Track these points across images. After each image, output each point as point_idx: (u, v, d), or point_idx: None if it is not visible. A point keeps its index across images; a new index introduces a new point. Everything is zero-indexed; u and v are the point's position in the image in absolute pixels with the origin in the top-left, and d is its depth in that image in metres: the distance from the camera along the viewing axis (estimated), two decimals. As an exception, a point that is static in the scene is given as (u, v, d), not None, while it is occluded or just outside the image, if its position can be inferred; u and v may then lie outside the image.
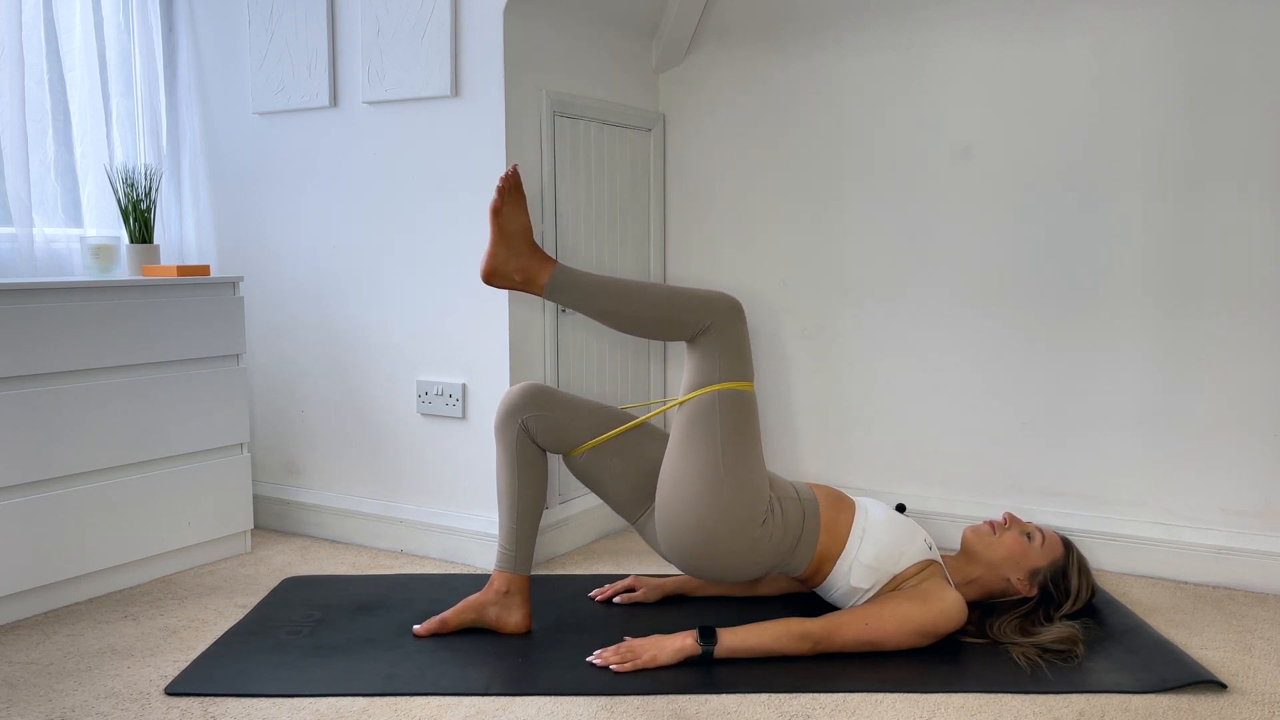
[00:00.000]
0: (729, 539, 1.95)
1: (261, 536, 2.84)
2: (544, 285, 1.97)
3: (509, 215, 1.96)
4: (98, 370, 2.33)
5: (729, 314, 1.99)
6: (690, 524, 1.95)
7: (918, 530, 2.08)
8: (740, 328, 2.00)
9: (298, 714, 1.75)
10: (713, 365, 1.97)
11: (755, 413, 2.01)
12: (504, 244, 1.96)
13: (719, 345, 1.98)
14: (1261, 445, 2.40)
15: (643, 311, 1.98)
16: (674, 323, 1.98)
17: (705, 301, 1.99)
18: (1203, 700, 1.80)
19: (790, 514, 2.02)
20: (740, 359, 1.99)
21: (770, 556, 2.01)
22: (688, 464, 1.96)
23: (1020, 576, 2.07)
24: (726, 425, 1.96)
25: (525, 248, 1.97)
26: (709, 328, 1.97)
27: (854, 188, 2.79)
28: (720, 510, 1.94)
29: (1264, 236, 2.36)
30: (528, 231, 1.97)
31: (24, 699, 1.81)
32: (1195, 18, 2.38)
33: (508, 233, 1.96)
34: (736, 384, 1.98)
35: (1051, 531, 2.13)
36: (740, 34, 2.91)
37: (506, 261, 1.97)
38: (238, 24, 2.83)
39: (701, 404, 1.97)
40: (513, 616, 2.08)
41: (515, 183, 1.96)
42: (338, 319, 2.77)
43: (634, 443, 2.09)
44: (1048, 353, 2.59)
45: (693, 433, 1.97)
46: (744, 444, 1.97)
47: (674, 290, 2.01)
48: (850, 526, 2.04)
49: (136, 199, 2.61)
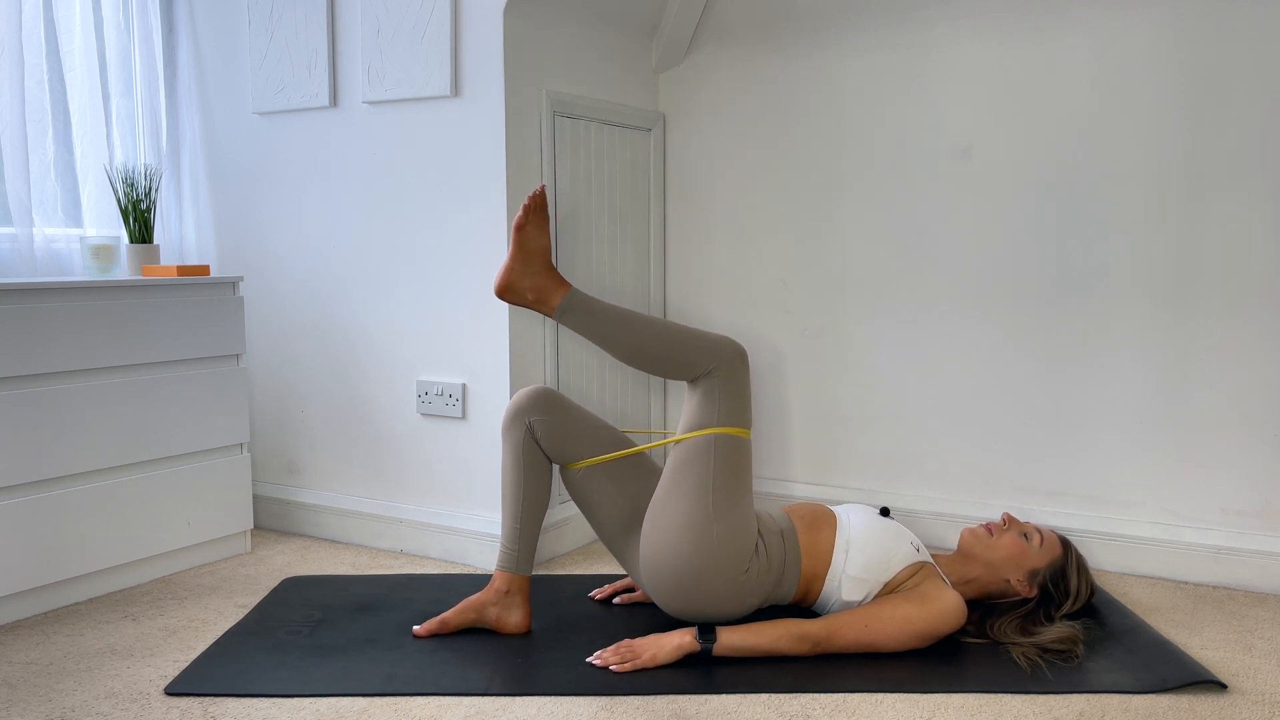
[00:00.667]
0: (714, 583, 1.96)
1: (261, 536, 2.84)
2: (556, 306, 1.99)
3: (531, 234, 1.99)
4: (98, 370, 2.33)
5: (733, 360, 1.99)
6: (675, 565, 1.96)
7: (903, 533, 2.07)
8: (743, 374, 2.00)
9: (298, 714, 1.75)
10: (712, 408, 1.98)
11: (749, 460, 2.01)
12: (522, 261, 1.99)
13: (720, 390, 1.98)
14: (1261, 445, 2.40)
15: (649, 347, 2.00)
16: (678, 362, 2.00)
17: (711, 345, 2.00)
18: (1203, 700, 1.80)
19: (774, 551, 2.02)
20: (740, 405, 2.00)
21: (756, 596, 2.01)
22: (677, 506, 1.96)
23: (1019, 578, 2.07)
24: (720, 470, 1.96)
25: (542, 267, 2.00)
26: (712, 371, 1.98)
27: (854, 188, 2.79)
28: (705, 556, 1.94)
29: (1264, 236, 2.36)
30: (546, 252, 2.00)
31: (24, 699, 1.81)
32: (1195, 18, 2.38)
33: (527, 250, 1.99)
34: (734, 430, 1.98)
35: (1050, 532, 2.13)
36: (740, 34, 2.91)
37: (522, 279, 2.00)
38: (238, 24, 2.83)
39: (697, 446, 1.98)
40: (513, 616, 2.08)
41: (541, 203, 1.99)
42: (338, 319, 2.77)
43: (630, 473, 2.10)
44: (1048, 352, 2.59)
45: (685, 474, 1.97)
46: (735, 490, 1.98)
47: (682, 330, 2.02)
48: (833, 543, 2.04)
49: (136, 199, 2.61)
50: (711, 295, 3.01)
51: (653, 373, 2.04)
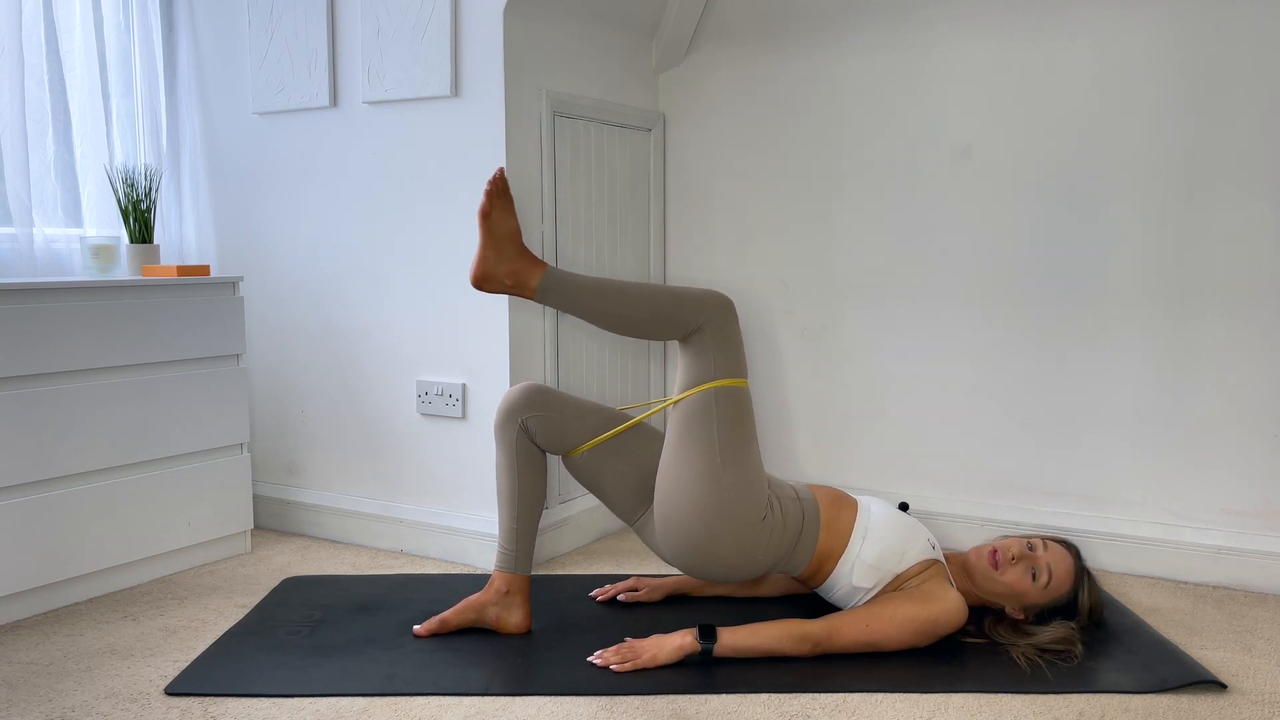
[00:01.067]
0: (728, 537, 1.95)
1: (261, 536, 2.84)
2: (535, 288, 1.96)
3: (497, 219, 1.94)
4: (98, 370, 2.33)
5: (721, 311, 1.98)
6: (689, 522, 1.95)
7: (920, 529, 2.07)
8: (733, 325, 1.99)
9: (298, 714, 1.75)
10: (707, 363, 1.97)
11: (750, 409, 2.00)
12: (493, 248, 1.95)
13: (712, 343, 1.97)
14: (1261, 445, 2.40)
15: (634, 311, 1.97)
16: (666, 321, 1.98)
17: (697, 300, 1.98)
18: (1203, 700, 1.80)
19: (789, 512, 2.01)
20: (734, 356, 1.98)
21: (770, 555, 2.00)
22: (685, 463, 1.96)
23: (1015, 609, 2.05)
24: (723, 422, 1.96)
25: (515, 251, 1.96)
26: (701, 326, 1.97)
27: (854, 188, 2.79)
28: (719, 507, 1.93)
29: (1264, 236, 2.36)
30: (516, 235, 1.97)
31: (24, 699, 1.81)
32: (1195, 18, 2.38)
33: (497, 236, 1.95)
34: (731, 381, 1.97)
35: (1064, 568, 2.02)
36: (740, 34, 2.91)
37: (497, 265, 1.96)
38: (238, 24, 2.83)
39: (697, 402, 1.97)
40: (513, 616, 2.08)
41: (502, 186, 1.95)
42: (338, 319, 2.77)
43: (633, 443, 2.09)
44: (1048, 352, 2.59)
45: (689, 431, 1.96)
46: (741, 440, 1.97)
47: (665, 289, 2.01)
48: (852, 525, 2.04)
49: (136, 199, 2.61)
50: (711, 295, 3.01)
51: (643, 337, 2.02)
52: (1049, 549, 2.04)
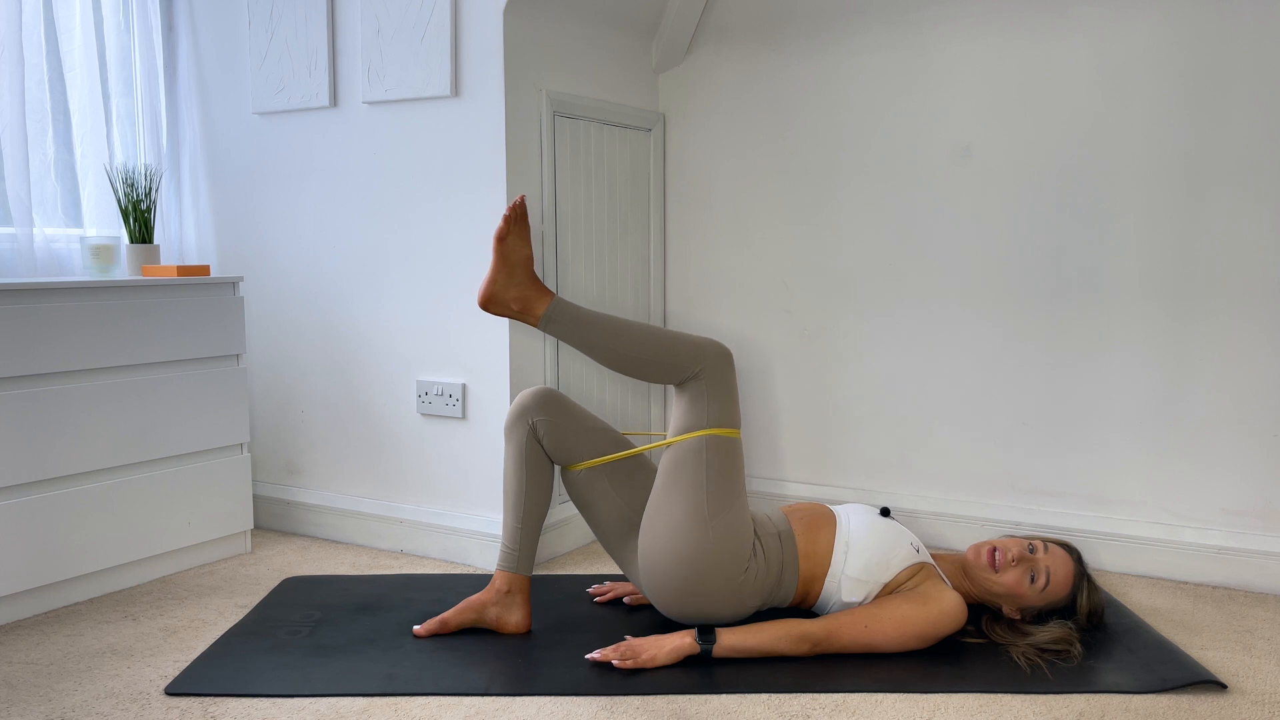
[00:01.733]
0: (712, 585, 1.96)
1: (261, 536, 2.84)
2: (540, 316, 1.99)
3: (513, 244, 1.98)
4: (98, 370, 2.33)
5: (719, 361, 1.99)
6: (673, 567, 1.96)
7: (903, 534, 2.07)
8: (729, 375, 2.00)
9: (298, 714, 1.75)
10: (701, 411, 1.98)
11: (741, 460, 2.02)
12: (505, 272, 1.98)
13: (708, 391, 1.98)
14: (1261, 445, 2.40)
15: (634, 351, 1.99)
16: (664, 366, 1.99)
17: (697, 347, 2.00)
18: (1203, 700, 1.80)
19: (770, 550, 2.02)
20: (728, 406, 1.99)
21: (756, 598, 2.01)
22: (673, 508, 1.97)
23: (1011, 610, 2.05)
24: (713, 471, 1.97)
25: (525, 277, 1.99)
26: (699, 373, 1.98)
27: (854, 187, 2.79)
28: (704, 557, 1.94)
29: (1264, 236, 2.36)
30: (529, 262, 2.00)
31: (24, 699, 1.81)
32: (1196, 17, 2.38)
33: (510, 261, 1.98)
34: (724, 430, 1.98)
35: (1063, 572, 2.02)
36: (740, 34, 2.91)
37: (505, 289, 1.99)
38: (238, 24, 2.83)
39: (688, 448, 1.98)
40: (513, 616, 2.08)
41: (521, 213, 1.99)
42: (338, 319, 2.77)
43: (628, 474, 2.11)
44: (1048, 352, 2.59)
45: (679, 476, 1.97)
46: (729, 490, 1.98)
47: (667, 334, 2.03)
48: (832, 544, 2.04)
49: (136, 199, 2.61)
50: (711, 296, 3.01)
51: (640, 378, 2.04)
52: (1049, 551, 2.04)
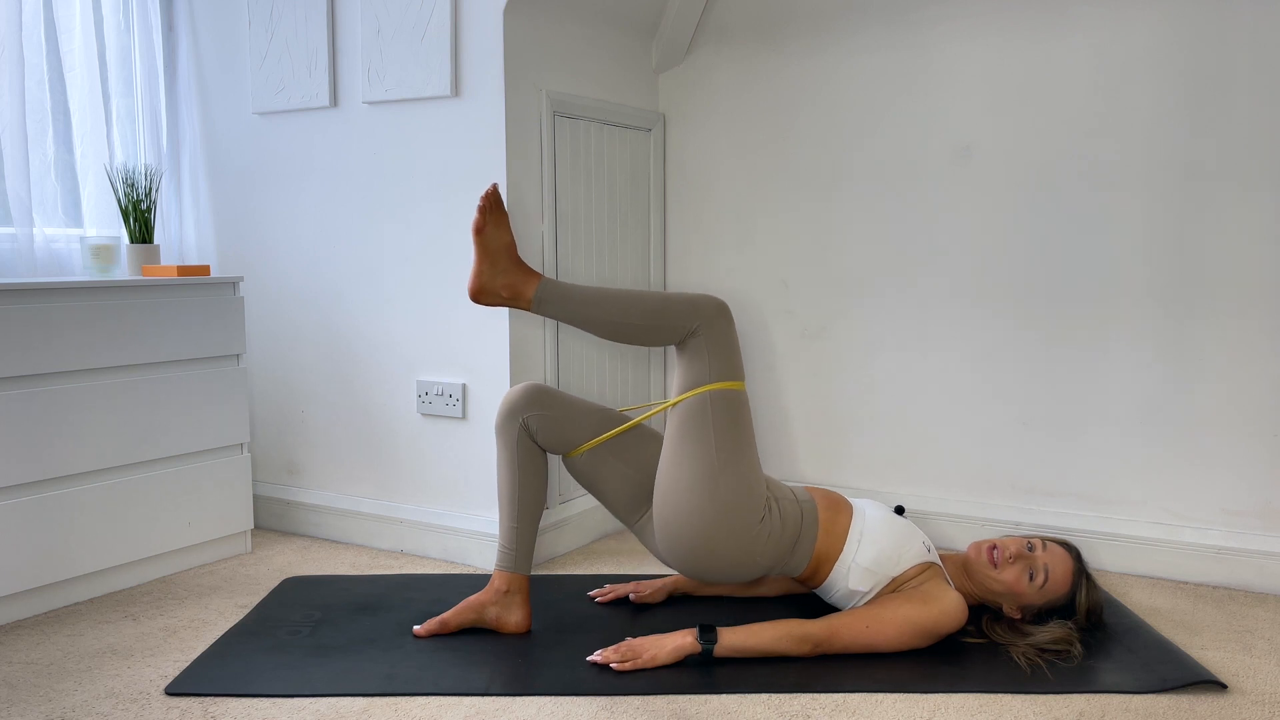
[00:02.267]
0: (727, 538, 1.95)
1: (261, 536, 2.84)
2: (531, 299, 1.98)
3: (491, 233, 1.97)
4: (98, 370, 2.33)
5: (715, 315, 1.99)
6: (688, 524, 1.96)
7: (916, 532, 2.07)
8: (727, 328, 2.00)
9: (298, 714, 1.75)
10: (703, 366, 1.98)
11: (748, 411, 2.01)
12: (489, 261, 1.98)
13: (708, 346, 1.98)
14: (1261, 445, 2.40)
15: (629, 318, 1.99)
16: (661, 328, 1.99)
17: (691, 304, 1.99)
18: (1203, 700, 1.80)
19: (788, 514, 2.02)
20: (729, 359, 2.00)
21: (768, 557, 2.01)
22: (683, 465, 1.96)
23: (1012, 608, 2.05)
24: (720, 425, 1.96)
25: (510, 263, 1.99)
26: (696, 330, 1.98)
27: (854, 188, 2.79)
28: (717, 509, 1.94)
29: (1264, 236, 2.36)
30: (511, 248, 1.99)
31: (24, 699, 1.81)
32: (1196, 18, 2.38)
33: (492, 250, 1.98)
34: (727, 384, 1.98)
35: (1061, 572, 2.03)
36: (740, 34, 2.91)
37: (493, 279, 1.98)
38: (238, 24, 2.83)
39: (694, 405, 1.97)
40: (513, 616, 2.08)
41: (496, 201, 1.98)
42: (338, 319, 2.77)
43: (632, 445, 2.10)
44: (1048, 352, 2.59)
45: (687, 434, 1.97)
46: (738, 442, 1.98)
47: (659, 295, 2.03)
48: (848, 529, 2.04)
49: (136, 199, 2.61)
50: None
51: (639, 343, 2.03)
52: (1048, 550, 2.04)
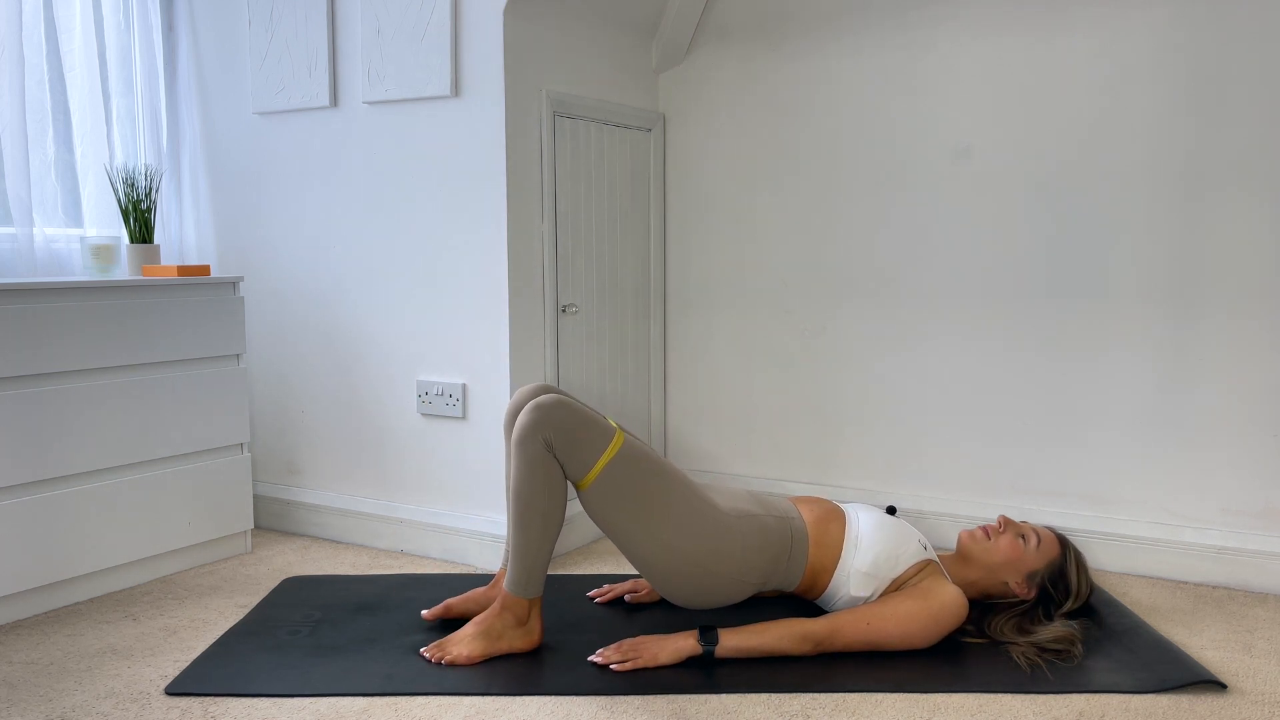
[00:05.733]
0: (703, 578, 1.96)
1: (261, 536, 2.84)
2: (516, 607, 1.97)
3: (485, 641, 1.96)
4: (98, 370, 2.33)
5: (546, 419, 1.90)
6: (674, 586, 1.98)
7: (911, 532, 2.07)
8: (560, 414, 1.90)
9: (298, 714, 1.75)
10: (580, 460, 1.91)
11: (639, 459, 1.95)
12: (504, 641, 1.97)
13: (562, 443, 1.90)
14: (1261, 445, 2.40)
15: (521, 506, 1.93)
16: (539, 490, 1.92)
17: (526, 437, 1.90)
18: (1203, 700, 1.80)
19: (770, 530, 2.01)
20: (580, 445, 1.91)
21: (755, 574, 2.00)
22: (635, 548, 1.96)
23: (1018, 580, 2.07)
24: (624, 500, 1.93)
25: (514, 626, 1.98)
26: (550, 442, 1.90)
27: (854, 188, 2.79)
28: (688, 562, 1.95)
29: (1264, 237, 2.36)
30: (492, 632, 1.97)
31: (24, 699, 1.81)
32: (1196, 18, 2.38)
33: (492, 640, 1.96)
34: (605, 456, 1.92)
35: (1047, 531, 2.13)
36: (740, 34, 2.91)
37: (498, 642, 1.97)
38: (238, 24, 2.83)
39: (598, 492, 1.93)
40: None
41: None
42: (338, 319, 2.77)
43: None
44: (1048, 353, 2.59)
45: (611, 526, 1.95)
46: (651, 497, 1.94)
47: (515, 479, 1.94)
48: (842, 537, 2.04)
49: (136, 199, 2.61)
50: (711, 295, 3.01)
51: (554, 512, 1.95)
52: (1028, 524, 2.15)
